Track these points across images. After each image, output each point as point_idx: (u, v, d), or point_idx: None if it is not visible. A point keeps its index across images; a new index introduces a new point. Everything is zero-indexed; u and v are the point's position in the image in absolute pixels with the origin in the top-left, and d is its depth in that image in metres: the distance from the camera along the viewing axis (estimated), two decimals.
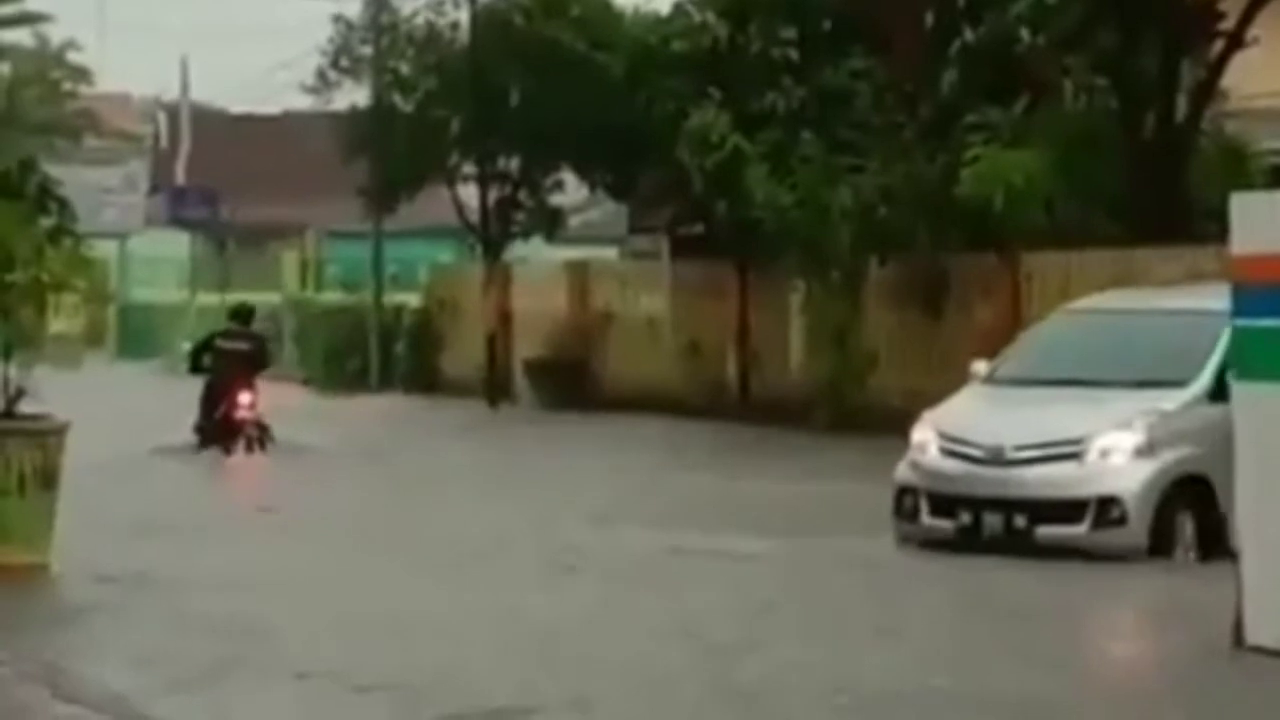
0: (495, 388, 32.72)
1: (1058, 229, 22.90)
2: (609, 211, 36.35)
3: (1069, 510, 13.72)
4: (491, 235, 34.47)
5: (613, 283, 32.48)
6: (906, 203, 24.50)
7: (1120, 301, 16.48)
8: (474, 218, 34.61)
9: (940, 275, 24.45)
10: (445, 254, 42.36)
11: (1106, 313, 15.91)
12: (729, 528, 15.78)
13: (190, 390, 23.80)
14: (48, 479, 13.19)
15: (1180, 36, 23.65)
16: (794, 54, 26.88)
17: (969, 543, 13.91)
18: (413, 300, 38.31)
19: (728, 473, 20.75)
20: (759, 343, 28.25)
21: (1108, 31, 23.93)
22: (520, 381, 32.94)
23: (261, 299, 43.35)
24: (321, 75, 35.64)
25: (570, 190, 35.16)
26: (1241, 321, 10.52)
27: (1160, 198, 23.05)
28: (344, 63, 35.59)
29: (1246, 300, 10.49)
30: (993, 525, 13.90)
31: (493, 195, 34.14)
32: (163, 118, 56.31)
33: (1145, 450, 13.81)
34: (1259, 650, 10.00)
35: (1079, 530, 13.70)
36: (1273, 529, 10.11)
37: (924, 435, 14.63)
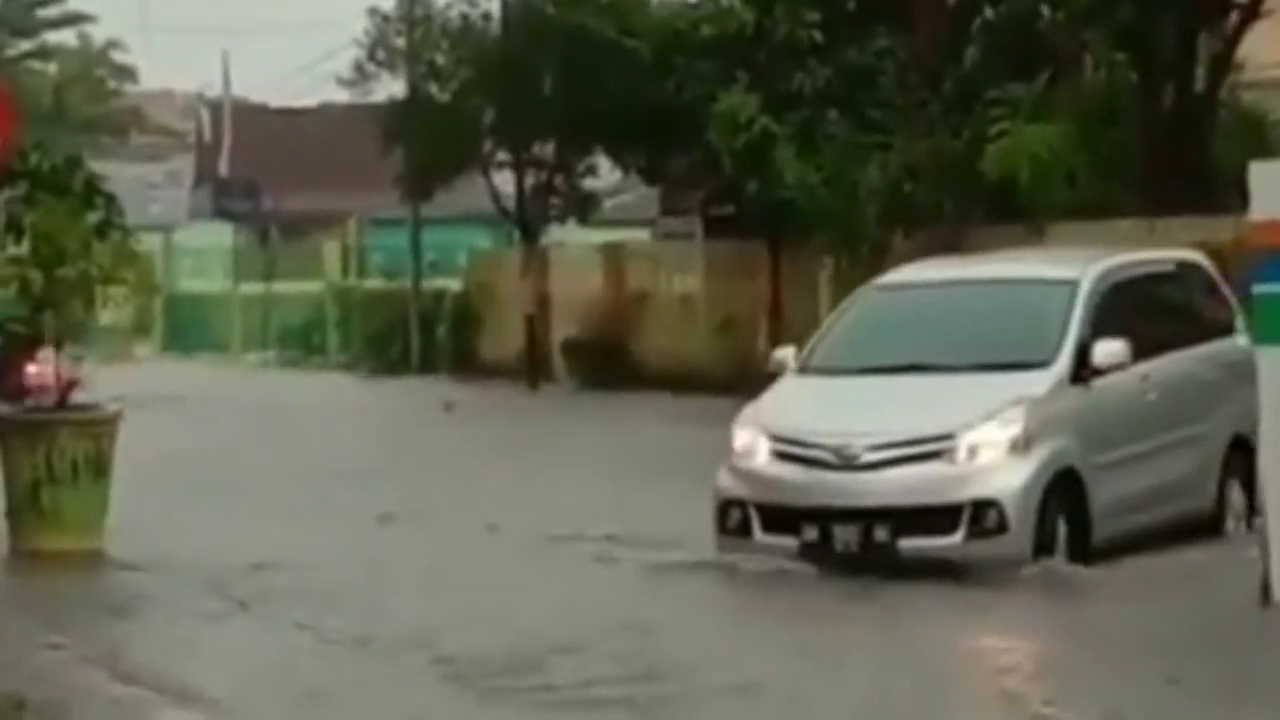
0: (535, 368, 33.26)
1: (1079, 200, 23.27)
2: (642, 194, 36.75)
3: (938, 518, 11.79)
4: (528, 220, 34.99)
5: (647, 264, 32.94)
6: (932, 178, 24.91)
7: (942, 272, 14.32)
8: (510, 204, 35.15)
9: (962, 246, 24.84)
10: (483, 240, 42.86)
11: (929, 286, 13.78)
12: None
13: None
14: (100, 468, 13.57)
15: (1197, 9, 23.97)
16: (819, 35, 27.21)
17: (817, 560, 11.92)
18: (453, 285, 38.82)
19: None
20: (791, 318, 28.60)
21: (1126, 6, 24.23)
22: (559, 362, 33.46)
23: (305, 287, 44.15)
24: (358, 68, 36.18)
25: (604, 174, 35.60)
26: (1261, 287, 10.69)
27: (1180, 168, 23.34)
28: (380, 55, 36.09)
29: (1267, 266, 10.67)
30: (846, 539, 11.89)
31: (528, 181, 34.66)
32: (205, 113, 56.95)
33: (1021, 445, 11.91)
34: None
35: (952, 540, 11.77)
36: None
37: (749, 437, 12.39)
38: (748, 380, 28.98)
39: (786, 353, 13.39)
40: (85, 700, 9.58)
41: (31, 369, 26.45)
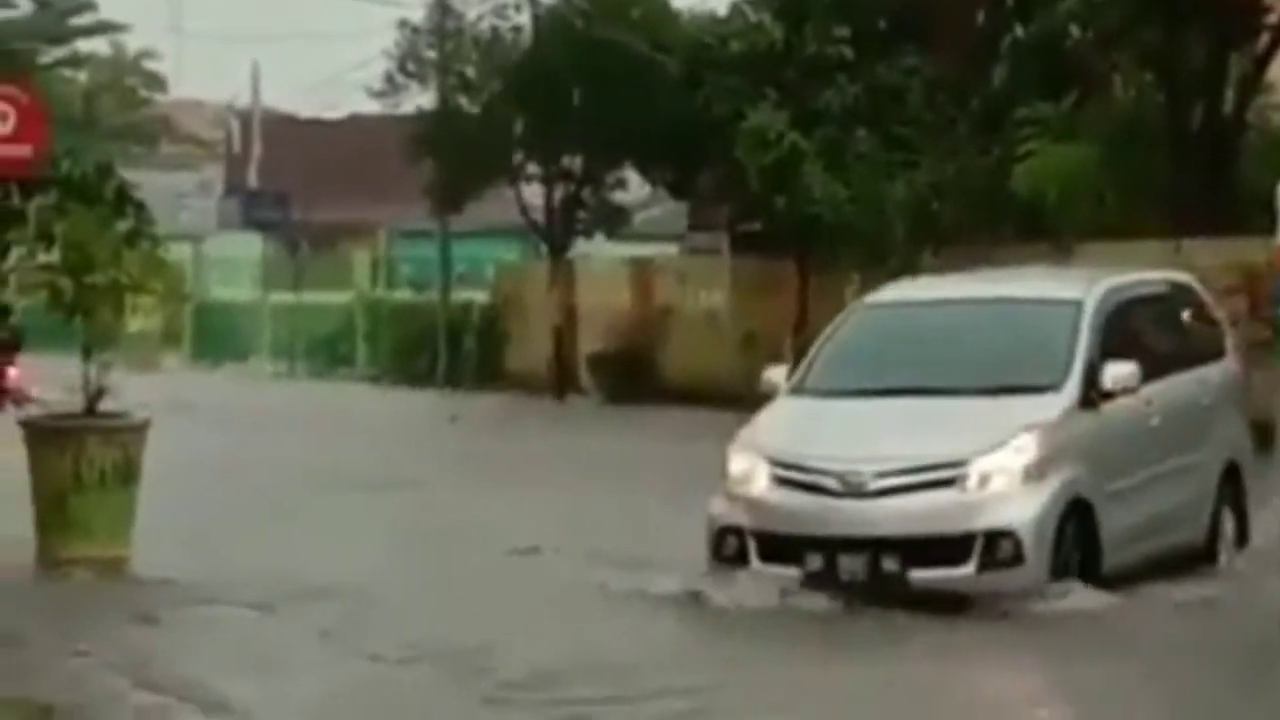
0: (561, 381, 33.35)
1: (1106, 220, 23.29)
2: (670, 209, 36.87)
3: (950, 548, 11.31)
4: (556, 233, 35.11)
5: (674, 278, 33.04)
6: (959, 197, 24.96)
7: (935, 291, 13.69)
8: (539, 216, 35.27)
9: (990, 264, 24.88)
10: (512, 252, 42.97)
11: (923, 305, 13.21)
12: None
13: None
14: (128, 475, 13.58)
15: (1227, 30, 24.01)
16: (848, 52, 27.32)
17: (822, 590, 11.43)
18: (481, 298, 38.93)
19: None
20: (816, 335, 28.62)
21: (1155, 26, 24.31)
22: (585, 375, 33.55)
23: (333, 298, 44.30)
24: (389, 79, 36.31)
25: (632, 188, 35.73)
26: None
27: (1208, 189, 23.41)
28: (410, 67, 36.22)
29: None
30: (852, 569, 11.39)
31: (557, 194, 34.79)
32: (235, 123, 57.13)
33: (1035, 472, 11.44)
34: None
35: (965, 572, 11.30)
36: None
37: (748, 462, 11.85)
38: (771, 397, 29.18)
39: (778, 373, 12.84)
40: (110, 707, 9.62)
41: (12, 372, 26.55)
